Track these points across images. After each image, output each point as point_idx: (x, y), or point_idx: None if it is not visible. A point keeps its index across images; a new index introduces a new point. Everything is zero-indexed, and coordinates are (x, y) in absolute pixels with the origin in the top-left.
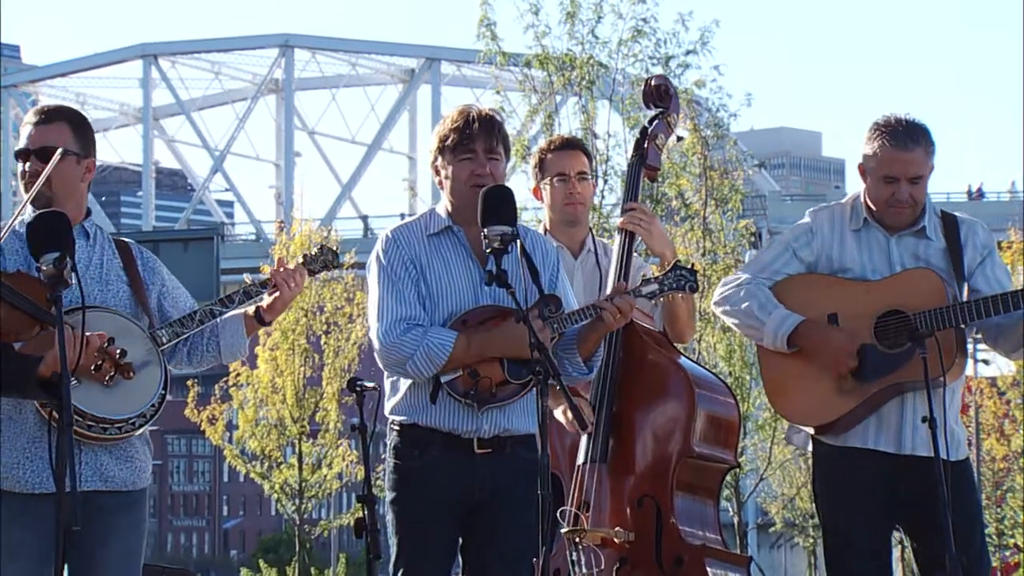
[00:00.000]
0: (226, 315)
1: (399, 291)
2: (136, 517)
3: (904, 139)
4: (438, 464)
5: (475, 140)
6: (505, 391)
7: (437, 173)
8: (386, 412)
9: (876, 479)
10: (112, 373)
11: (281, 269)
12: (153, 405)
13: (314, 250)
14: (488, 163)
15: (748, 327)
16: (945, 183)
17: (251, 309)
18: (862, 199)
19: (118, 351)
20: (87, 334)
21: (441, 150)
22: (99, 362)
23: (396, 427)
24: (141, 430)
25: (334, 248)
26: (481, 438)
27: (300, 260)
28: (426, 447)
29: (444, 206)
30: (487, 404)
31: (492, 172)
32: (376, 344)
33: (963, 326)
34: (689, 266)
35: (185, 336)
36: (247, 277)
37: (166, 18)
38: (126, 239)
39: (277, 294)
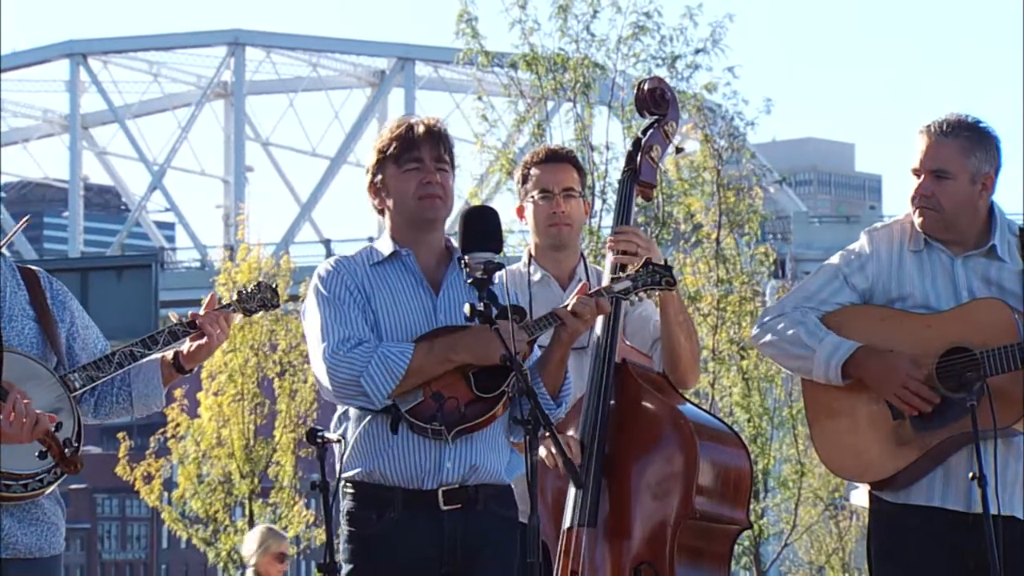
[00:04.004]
0: (141, 361)
1: (344, 314)
2: None
3: (936, 128)
4: (399, 527)
5: (421, 147)
6: (475, 409)
7: (376, 194)
8: (338, 473)
9: (940, 544)
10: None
11: (207, 312)
12: None
13: (251, 287)
14: (437, 173)
15: (794, 357)
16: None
17: (169, 355)
18: None
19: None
20: (39, 413)
21: (381, 163)
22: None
23: (350, 488)
24: (51, 488)
25: (273, 285)
26: (447, 487)
27: (234, 298)
28: (384, 509)
29: (386, 235)
30: (457, 427)
31: (443, 183)
32: (322, 367)
33: None
34: (663, 262)
35: (101, 381)
36: (172, 314)
37: (96, 12)
38: (34, 267)
39: (202, 341)
